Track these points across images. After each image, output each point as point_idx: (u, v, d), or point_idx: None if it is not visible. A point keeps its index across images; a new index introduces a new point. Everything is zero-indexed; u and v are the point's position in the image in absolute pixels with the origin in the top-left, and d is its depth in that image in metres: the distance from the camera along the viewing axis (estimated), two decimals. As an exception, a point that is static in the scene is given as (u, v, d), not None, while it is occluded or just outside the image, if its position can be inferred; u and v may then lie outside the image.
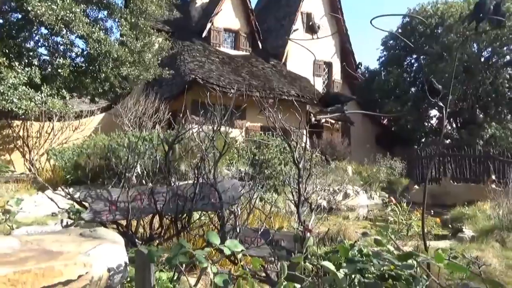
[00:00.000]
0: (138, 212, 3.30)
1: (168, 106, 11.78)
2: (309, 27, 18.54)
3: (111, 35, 11.88)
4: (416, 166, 13.57)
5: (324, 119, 16.36)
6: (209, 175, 3.31)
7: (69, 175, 8.35)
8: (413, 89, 20.14)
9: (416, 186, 12.49)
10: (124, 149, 7.27)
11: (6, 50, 9.78)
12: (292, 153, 3.31)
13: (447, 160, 12.84)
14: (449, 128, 20.04)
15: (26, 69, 9.60)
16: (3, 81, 8.98)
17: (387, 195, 11.51)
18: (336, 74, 19.64)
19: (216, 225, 3.29)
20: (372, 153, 15.26)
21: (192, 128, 3.82)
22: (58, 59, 10.29)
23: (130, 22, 11.30)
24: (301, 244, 2.41)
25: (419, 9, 19.79)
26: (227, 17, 17.24)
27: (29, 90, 9.44)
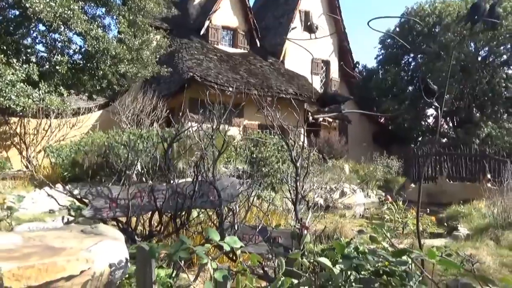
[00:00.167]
0: (138, 209, 3.33)
1: (166, 104, 11.80)
2: (307, 26, 18.55)
3: (109, 32, 11.89)
4: (413, 165, 13.62)
5: (322, 118, 16.40)
6: (208, 173, 3.35)
7: (67, 172, 8.35)
8: (411, 88, 20.20)
9: (413, 185, 12.56)
10: (122, 147, 7.29)
11: (4, 47, 9.76)
12: (290, 152, 3.34)
13: (444, 159, 12.90)
14: (446, 127, 20.12)
15: (24, 66, 9.57)
16: (1, 78, 8.95)
17: (384, 194, 11.57)
18: (334, 73, 19.67)
19: (214, 223, 3.32)
20: (369, 152, 15.34)
21: (191, 127, 3.84)
22: (56, 56, 10.28)
23: (128, 20, 11.29)
24: (298, 241, 2.46)
25: (417, 8, 19.82)
26: (225, 15, 17.22)
27: (27, 87, 9.42)
